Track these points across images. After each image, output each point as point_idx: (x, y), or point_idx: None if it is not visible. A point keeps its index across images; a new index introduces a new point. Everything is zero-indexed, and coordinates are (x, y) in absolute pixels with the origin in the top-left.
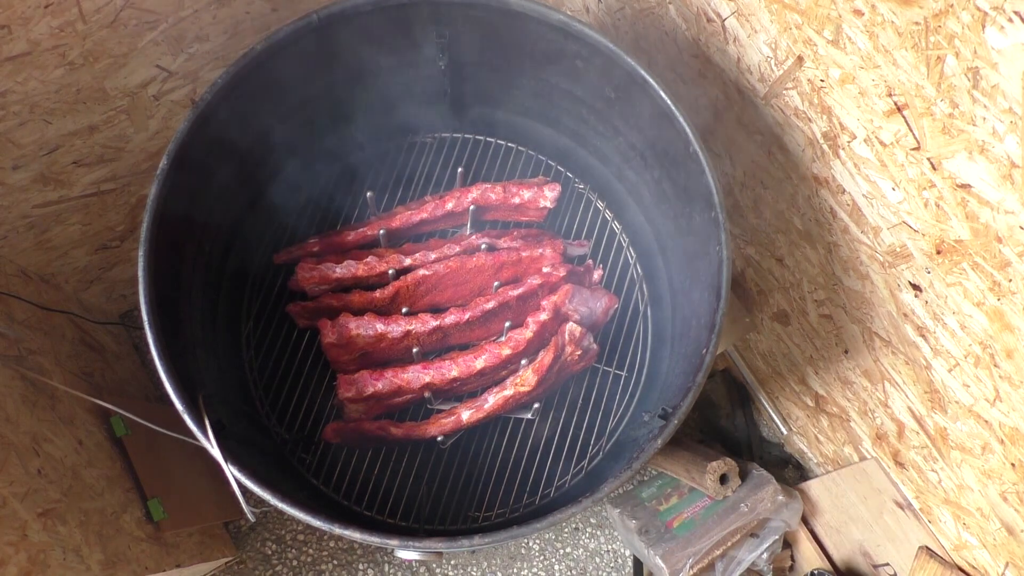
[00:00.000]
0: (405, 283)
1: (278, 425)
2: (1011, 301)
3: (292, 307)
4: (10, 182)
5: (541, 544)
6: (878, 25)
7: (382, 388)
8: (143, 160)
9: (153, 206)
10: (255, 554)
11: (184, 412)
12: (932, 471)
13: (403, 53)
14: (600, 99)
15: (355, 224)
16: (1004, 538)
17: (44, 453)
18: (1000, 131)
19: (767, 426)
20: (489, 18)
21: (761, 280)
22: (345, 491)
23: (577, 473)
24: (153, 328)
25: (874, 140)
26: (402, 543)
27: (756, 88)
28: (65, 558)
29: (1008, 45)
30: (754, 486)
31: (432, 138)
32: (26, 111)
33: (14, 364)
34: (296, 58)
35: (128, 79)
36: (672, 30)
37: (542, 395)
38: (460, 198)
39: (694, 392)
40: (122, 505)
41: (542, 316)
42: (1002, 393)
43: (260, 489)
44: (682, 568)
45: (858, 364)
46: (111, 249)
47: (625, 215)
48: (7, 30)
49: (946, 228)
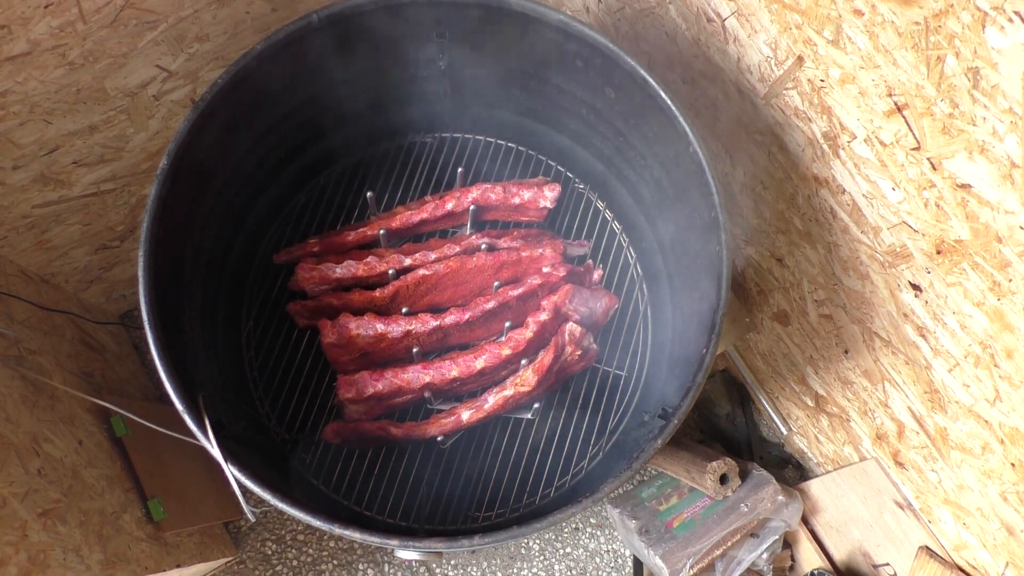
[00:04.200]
0: (405, 283)
1: (278, 425)
2: (1011, 301)
3: (292, 306)
4: (10, 182)
5: (541, 544)
6: (878, 25)
7: (382, 388)
8: (143, 160)
9: (153, 206)
10: (255, 554)
11: (184, 412)
12: (932, 471)
13: (403, 53)
14: (600, 99)
15: (355, 224)
16: (1004, 538)
17: (44, 453)
18: (1000, 131)
19: (767, 426)
20: (489, 18)
21: (761, 280)
22: (345, 491)
23: (577, 473)
24: (153, 328)
25: (874, 140)
26: (402, 543)
27: (756, 88)
28: (65, 558)
29: (1008, 45)
30: (754, 486)
31: (432, 138)
32: (26, 111)
33: (14, 364)
34: (296, 58)
35: (128, 79)
36: (672, 30)
37: (542, 395)
38: (460, 198)
39: (694, 392)
40: (122, 505)
41: (542, 316)
42: (1002, 393)
43: (260, 489)
44: (682, 568)
45: (858, 364)
46: (111, 249)
47: (625, 215)
48: (7, 30)
49: (946, 228)
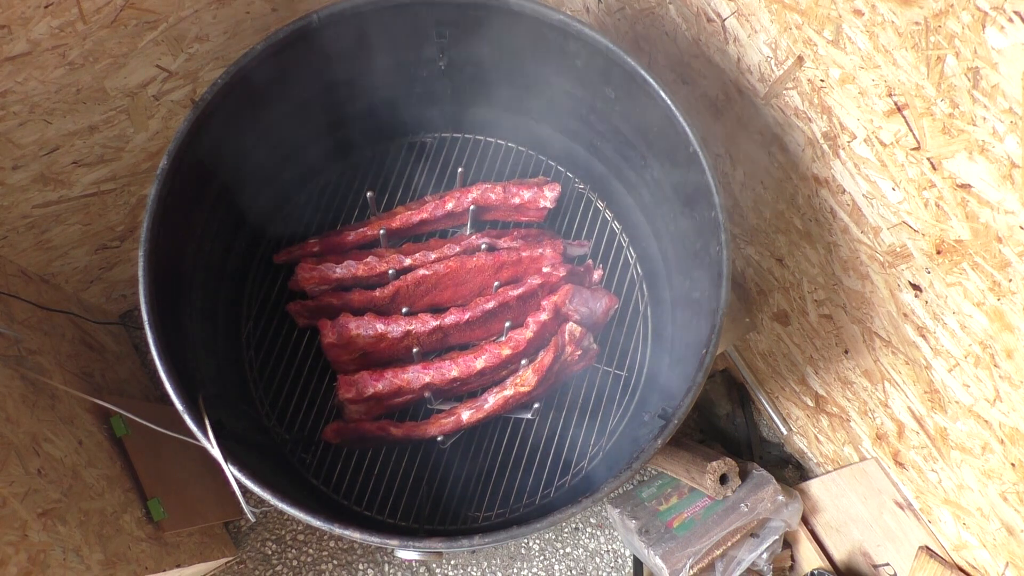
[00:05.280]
0: (405, 283)
1: (278, 425)
2: (1011, 301)
3: (292, 305)
4: (10, 182)
5: (541, 544)
6: (878, 25)
7: (382, 389)
8: (143, 160)
9: (153, 206)
10: (255, 554)
11: (184, 412)
12: (932, 471)
13: (403, 53)
14: (600, 99)
15: (355, 224)
16: (1004, 538)
17: (44, 453)
18: (1000, 131)
19: (767, 426)
20: (489, 18)
21: (761, 280)
22: (345, 491)
23: (577, 473)
24: (153, 328)
25: (874, 140)
26: (402, 543)
27: (756, 88)
28: (65, 558)
29: (1008, 45)
30: (754, 486)
31: (432, 138)
32: (26, 111)
33: (14, 364)
34: (296, 58)
35: (128, 79)
36: (672, 30)
37: (542, 395)
38: (460, 198)
39: (694, 392)
40: (122, 505)
41: (542, 316)
42: (1002, 393)
43: (260, 489)
44: (682, 568)
45: (858, 364)
46: (111, 249)
47: (625, 215)
48: (7, 30)
49: (946, 228)
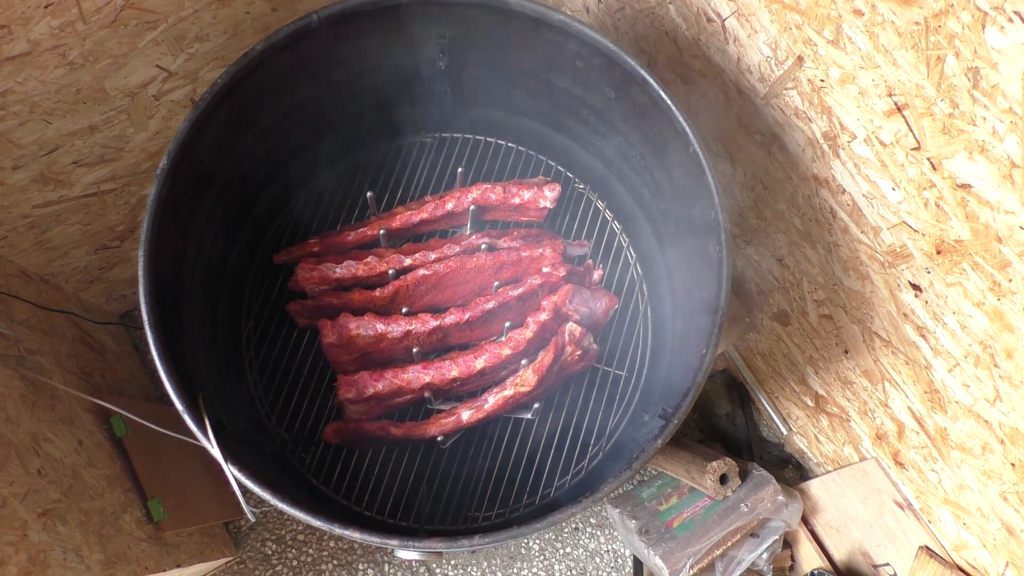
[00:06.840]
0: (405, 283)
1: (278, 425)
2: (1011, 301)
3: (292, 305)
4: (10, 182)
5: (541, 544)
6: (878, 25)
7: (382, 389)
8: (143, 160)
9: (153, 206)
10: (255, 554)
11: (184, 412)
12: (932, 471)
13: (403, 53)
14: (600, 99)
15: (355, 224)
16: (1004, 538)
17: (44, 453)
18: (1000, 131)
19: (767, 426)
20: (489, 18)
21: (761, 280)
22: (345, 491)
23: (577, 473)
24: (153, 328)
25: (874, 140)
26: (402, 543)
27: (756, 88)
28: (65, 558)
29: (1008, 45)
30: (754, 486)
31: (432, 138)
32: (26, 111)
33: (14, 364)
34: (296, 58)
35: (128, 79)
36: (672, 30)
37: (542, 395)
38: (460, 198)
39: (694, 392)
40: (122, 505)
41: (542, 316)
42: (1002, 393)
43: (260, 489)
44: (682, 568)
45: (858, 364)
46: (111, 249)
47: (625, 215)
48: (7, 30)
49: (946, 228)
